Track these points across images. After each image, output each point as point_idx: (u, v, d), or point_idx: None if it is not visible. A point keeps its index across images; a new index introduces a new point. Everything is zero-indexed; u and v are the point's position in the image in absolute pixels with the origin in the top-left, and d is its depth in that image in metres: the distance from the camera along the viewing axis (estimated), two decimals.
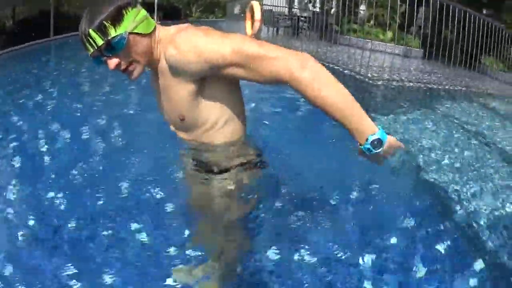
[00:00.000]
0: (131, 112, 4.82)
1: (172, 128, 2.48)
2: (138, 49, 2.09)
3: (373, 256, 2.43)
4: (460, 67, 10.46)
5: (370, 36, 12.40)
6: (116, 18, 2.02)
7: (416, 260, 2.47)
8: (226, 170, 2.42)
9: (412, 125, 5.26)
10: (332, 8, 16.70)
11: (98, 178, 3.23)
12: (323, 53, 10.54)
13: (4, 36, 15.37)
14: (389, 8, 11.96)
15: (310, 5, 21.23)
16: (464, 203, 3.34)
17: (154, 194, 2.95)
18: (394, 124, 5.13)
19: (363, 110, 1.83)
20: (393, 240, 2.61)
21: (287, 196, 2.90)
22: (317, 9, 19.02)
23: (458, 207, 3.26)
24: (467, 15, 10.09)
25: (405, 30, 12.64)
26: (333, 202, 2.92)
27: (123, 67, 2.09)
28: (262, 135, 3.34)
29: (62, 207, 2.80)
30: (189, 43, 1.95)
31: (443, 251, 2.55)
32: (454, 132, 5.44)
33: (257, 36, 8.20)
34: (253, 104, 4.39)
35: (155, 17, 26.15)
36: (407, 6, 12.40)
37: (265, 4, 20.07)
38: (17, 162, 3.44)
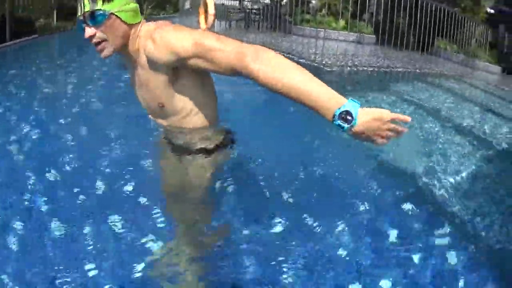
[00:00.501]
0: (96, 109, 4.88)
1: (151, 117, 2.66)
2: (114, 32, 2.25)
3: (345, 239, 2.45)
4: (413, 51, 10.69)
5: (323, 25, 12.42)
6: None
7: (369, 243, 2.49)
8: (202, 151, 2.59)
9: (367, 106, 5.21)
10: None
11: (71, 175, 3.23)
12: (277, 44, 10.69)
13: None
14: None
15: None
16: (426, 175, 3.45)
17: (127, 186, 3.02)
18: None
19: (327, 86, 1.72)
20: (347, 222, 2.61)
21: (259, 176, 3.06)
22: (268, 1, 19.30)
23: (420, 179, 3.38)
24: (419, 1, 10.33)
25: (358, 17, 12.68)
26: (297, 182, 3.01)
27: (95, 40, 2.22)
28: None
29: (38, 206, 2.79)
30: (162, 38, 2.10)
31: (392, 223, 2.64)
32: (410, 111, 5.61)
33: (211, 30, 8.27)
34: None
35: None
36: None
37: None
38: None
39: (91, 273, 2.21)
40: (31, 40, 14.75)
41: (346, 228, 2.59)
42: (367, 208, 2.84)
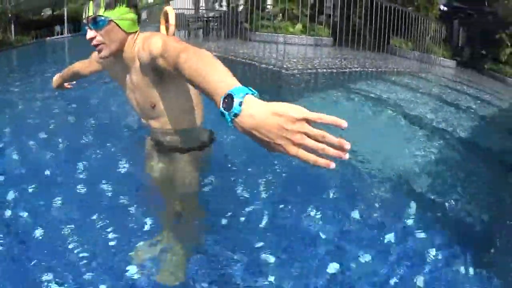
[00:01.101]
0: (76, 114, 5.10)
1: (143, 119, 2.86)
2: (112, 37, 2.44)
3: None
4: (369, 50, 11.00)
5: (281, 30, 12.80)
6: (110, 5, 2.41)
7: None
8: (189, 149, 2.81)
9: (331, 106, 5.61)
10: (239, 6, 16.97)
11: (56, 178, 3.40)
12: (236, 50, 10.83)
13: None
14: (299, 1, 12.46)
15: (216, 5, 21.46)
16: (389, 163, 3.72)
17: (109, 187, 3.21)
18: (313, 108, 5.22)
19: (229, 73, 1.44)
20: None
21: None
22: (224, 8, 19.37)
23: (381, 167, 3.64)
24: (373, 2, 10.61)
25: (315, 21, 12.93)
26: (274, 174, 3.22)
27: (95, 42, 2.40)
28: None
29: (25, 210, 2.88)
30: (148, 42, 2.28)
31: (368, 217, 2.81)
32: (370, 107, 5.88)
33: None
34: None
35: (65, 31, 25.54)
36: None
37: (175, 8, 20.14)
38: None
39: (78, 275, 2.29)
40: None
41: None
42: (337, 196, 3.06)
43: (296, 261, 2.46)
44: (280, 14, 13.57)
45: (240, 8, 16.40)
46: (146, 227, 2.75)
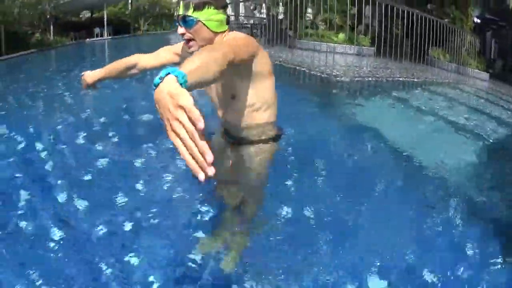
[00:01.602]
0: (126, 108, 5.53)
1: (219, 112, 2.98)
2: (200, 35, 2.62)
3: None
4: (410, 61, 11.10)
5: (324, 39, 12.92)
6: (199, 6, 2.57)
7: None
8: (261, 142, 2.93)
9: (379, 113, 5.95)
10: (279, 13, 16.95)
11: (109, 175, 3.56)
12: (284, 57, 10.98)
13: None
14: (335, 10, 12.50)
15: (256, 12, 21.71)
16: (432, 169, 3.77)
17: (171, 180, 3.40)
18: (363, 114, 5.66)
19: (187, 66, 1.63)
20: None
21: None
22: (264, 16, 19.54)
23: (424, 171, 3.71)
24: (413, 14, 10.77)
25: (355, 30, 13.11)
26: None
27: (186, 37, 2.61)
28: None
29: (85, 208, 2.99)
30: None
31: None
32: (413, 114, 6.30)
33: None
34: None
35: (105, 33, 26.07)
36: (356, 8, 12.71)
37: None
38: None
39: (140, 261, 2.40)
40: (28, 55, 15.16)
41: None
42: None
43: (346, 260, 2.45)
44: (322, 23, 13.80)
45: (280, 16, 16.58)
46: (208, 219, 2.88)
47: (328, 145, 4.14)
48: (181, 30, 2.61)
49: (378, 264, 2.40)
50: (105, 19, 25.99)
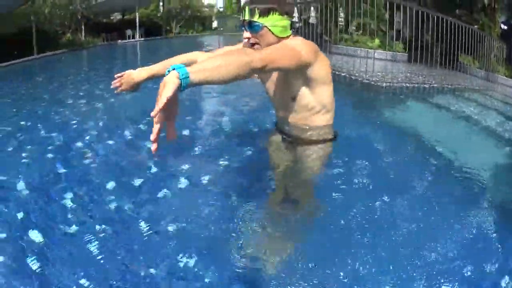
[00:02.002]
0: (129, 118, 5.43)
1: (279, 112, 3.09)
2: (265, 40, 2.69)
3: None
4: (440, 67, 11.25)
5: (359, 44, 13.17)
6: (265, 12, 2.65)
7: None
8: (317, 142, 3.05)
9: (418, 117, 6.10)
10: (310, 17, 17.38)
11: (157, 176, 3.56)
12: None
13: None
14: (369, 16, 12.88)
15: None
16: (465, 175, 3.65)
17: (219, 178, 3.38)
18: (404, 118, 5.83)
19: (199, 66, 1.93)
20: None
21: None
22: (296, 20, 19.75)
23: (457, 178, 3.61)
24: (443, 20, 10.91)
25: (388, 35, 13.37)
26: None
27: (251, 41, 2.70)
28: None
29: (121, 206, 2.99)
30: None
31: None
32: (449, 118, 6.52)
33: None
34: None
35: (137, 35, 26.58)
36: (387, 13, 13.08)
37: None
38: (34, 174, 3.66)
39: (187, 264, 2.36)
40: (59, 54, 15.82)
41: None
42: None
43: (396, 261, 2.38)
44: (357, 28, 13.96)
45: (311, 20, 16.37)
46: (256, 216, 2.79)
47: (371, 147, 4.14)
48: (246, 34, 2.71)
49: (421, 265, 2.35)
50: (137, 21, 26.33)
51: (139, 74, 3.02)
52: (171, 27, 34.48)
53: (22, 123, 5.44)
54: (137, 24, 26.10)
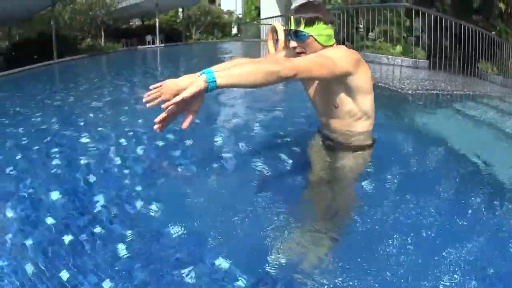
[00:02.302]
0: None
1: (322, 118, 3.18)
2: (311, 49, 2.80)
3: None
4: (460, 74, 11.32)
5: (382, 51, 13.20)
6: (310, 22, 2.76)
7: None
8: (358, 149, 3.17)
9: (446, 123, 6.29)
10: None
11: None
12: None
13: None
14: (389, 22, 12.97)
15: None
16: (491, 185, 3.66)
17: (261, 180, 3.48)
18: (436, 125, 5.96)
19: (228, 71, 2.21)
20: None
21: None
22: None
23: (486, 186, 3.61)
24: (461, 26, 11.09)
25: (409, 42, 13.36)
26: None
27: (298, 50, 2.80)
28: None
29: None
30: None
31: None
32: (473, 124, 6.63)
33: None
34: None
35: (157, 40, 26.91)
36: (408, 20, 13.20)
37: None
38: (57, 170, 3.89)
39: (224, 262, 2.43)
40: (80, 59, 16.10)
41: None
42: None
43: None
44: (379, 34, 13.98)
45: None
46: (293, 220, 2.87)
47: (407, 151, 4.25)
48: (293, 43, 2.81)
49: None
50: (157, 27, 26.54)
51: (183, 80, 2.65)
52: (190, 33, 34.74)
53: (44, 127, 5.66)
54: (157, 30, 26.31)
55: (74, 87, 9.80)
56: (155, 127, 2.19)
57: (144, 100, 2.43)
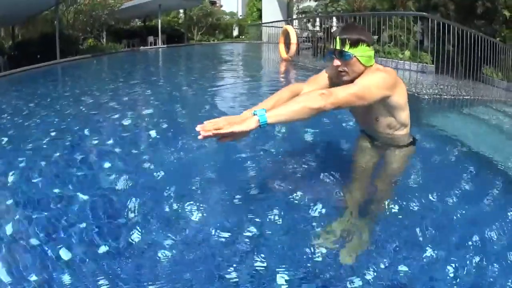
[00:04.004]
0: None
1: (364, 128, 3.42)
2: (353, 68, 2.91)
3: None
4: (465, 79, 11.41)
5: (391, 56, 13.35)
6: (355, 43, 2.86)
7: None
8: (400, 146, 3.34)
9: (460, 127, 6.40)
10: (332, 27, 17.54)
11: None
12: None
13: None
14: (399, 27, 13.06)
15: (309, 25, 21.89)
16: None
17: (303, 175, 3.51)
18: (449, 126, 6.17)
19: (278, 111, 2.48)
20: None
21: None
22: (318, 29, 20.05)
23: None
24: (464, 31, 11.03)
25: (415, 47, 13.45)
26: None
27: (340, 69, 2.91)
28: None
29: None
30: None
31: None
32: (486, 126, 6.88)
33: (293, 57, 9.83)
34: None
35: (159, 41, 27.12)
36: (415, 25, 13.16)
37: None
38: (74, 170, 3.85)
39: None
40: (81, 60, 16.35)
41: None
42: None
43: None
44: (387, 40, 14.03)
45: (333, 29, 16.68)
46: (327, 214, 2.92)
47: (433, 153, 4.27)
48: (337, 62, 2.92)
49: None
50: (159, 28, 26.62)
51: (236, 116, 2.71)
52: (192, 34, 35.01)
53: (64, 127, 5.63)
54: (159, 32, 26.39)
55: (88, 86, 9.99)
56: (199, 137, 2.34)
57: (197, 129, 2.40)
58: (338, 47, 2.89)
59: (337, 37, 2.89)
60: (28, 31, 19.79)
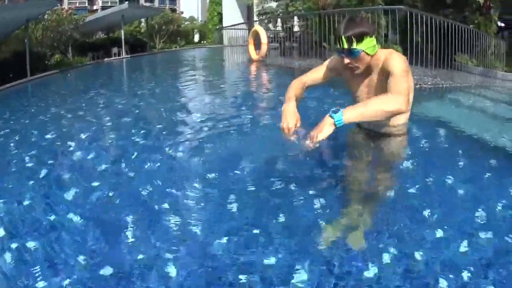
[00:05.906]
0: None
1: None
2: (363, 61, 3.12)
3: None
4: (437, 67, 11.54)
5: None
6: (360, 39, 3.01)
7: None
8: (397, 135, 3.54)
9: (446, 113, 6.40)
10: (294, 26, 17.89)
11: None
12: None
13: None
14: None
15: (270, 25, 22.14)
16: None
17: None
18: (433, 113, 6.11)
19: (359, 113, 2.71)
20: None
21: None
22: (279, 29, 20.17)
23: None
24: (432, 19, 11.16)
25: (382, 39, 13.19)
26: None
27: (351, 65, 3.12)
28: None
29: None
30: (391, 63, 3.03)
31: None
32: (467, 113, 6.88)
33: (264, 58, 9.76)
34: None
35: (123, 52, 27.03)
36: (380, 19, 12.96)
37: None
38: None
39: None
40: (52, 75, 16.27)
41: None
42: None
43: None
44: None
45: (295, 28, 17.60)
46: (332, 204, 2.98)
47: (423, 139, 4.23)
48: (347, 60, 3.11)
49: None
50: (122, 39, 26.64)
51: (291, 107, 3.28)
52: (154, 42, 35.07)
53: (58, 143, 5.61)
54: (123, 42, 26.41)
55: (76, 97, 10.10)
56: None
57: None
58: (345, 46, 3.03)
59: (342, 36, 3.03)
60: (2, 51, 19.47)
